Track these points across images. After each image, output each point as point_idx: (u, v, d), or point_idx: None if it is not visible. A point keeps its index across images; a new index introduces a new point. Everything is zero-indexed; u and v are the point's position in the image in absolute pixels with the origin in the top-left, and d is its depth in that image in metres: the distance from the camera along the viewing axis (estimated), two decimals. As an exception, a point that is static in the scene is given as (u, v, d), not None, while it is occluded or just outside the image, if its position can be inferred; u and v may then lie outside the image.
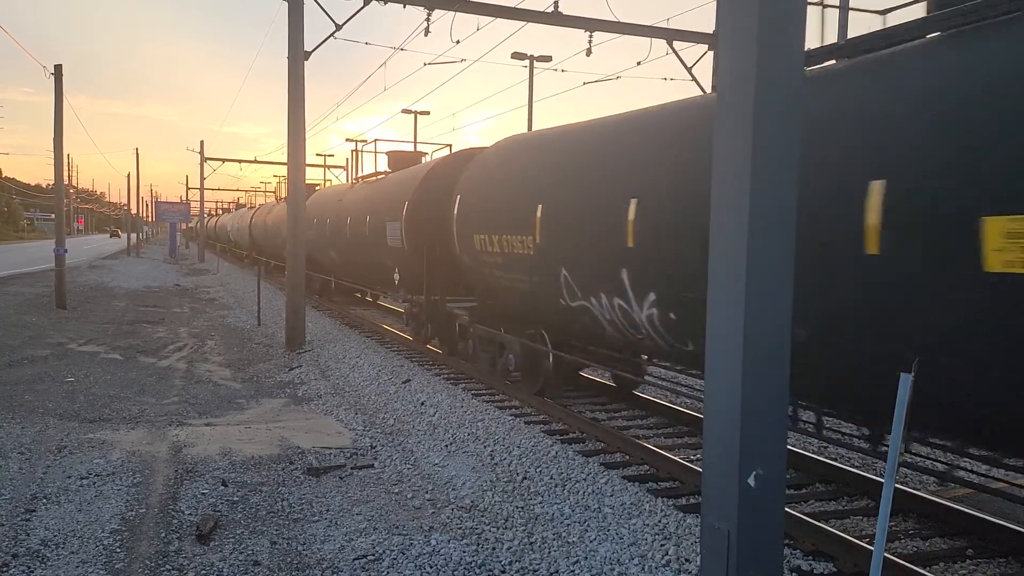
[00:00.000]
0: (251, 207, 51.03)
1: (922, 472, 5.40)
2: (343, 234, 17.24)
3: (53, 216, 22.60)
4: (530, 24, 15.42)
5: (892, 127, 4.41)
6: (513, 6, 15.08)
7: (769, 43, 3.14)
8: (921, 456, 7.24)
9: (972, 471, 6.65)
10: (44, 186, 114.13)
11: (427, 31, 14.69)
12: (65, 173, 21.84)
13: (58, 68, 19.92)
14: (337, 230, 17.90)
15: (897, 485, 5.56)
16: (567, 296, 8.05)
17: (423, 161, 15.92)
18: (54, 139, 20.00)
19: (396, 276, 13.88)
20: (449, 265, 11.80)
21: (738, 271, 3.19)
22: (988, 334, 3.92)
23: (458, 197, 10.74)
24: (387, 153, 16.87)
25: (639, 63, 17.12)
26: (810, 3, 3.52)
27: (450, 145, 16.30)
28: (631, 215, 6.75)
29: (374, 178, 17.27)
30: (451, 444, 8.19)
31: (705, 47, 16.80)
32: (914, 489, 6.51)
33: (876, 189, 4.37)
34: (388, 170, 16.35)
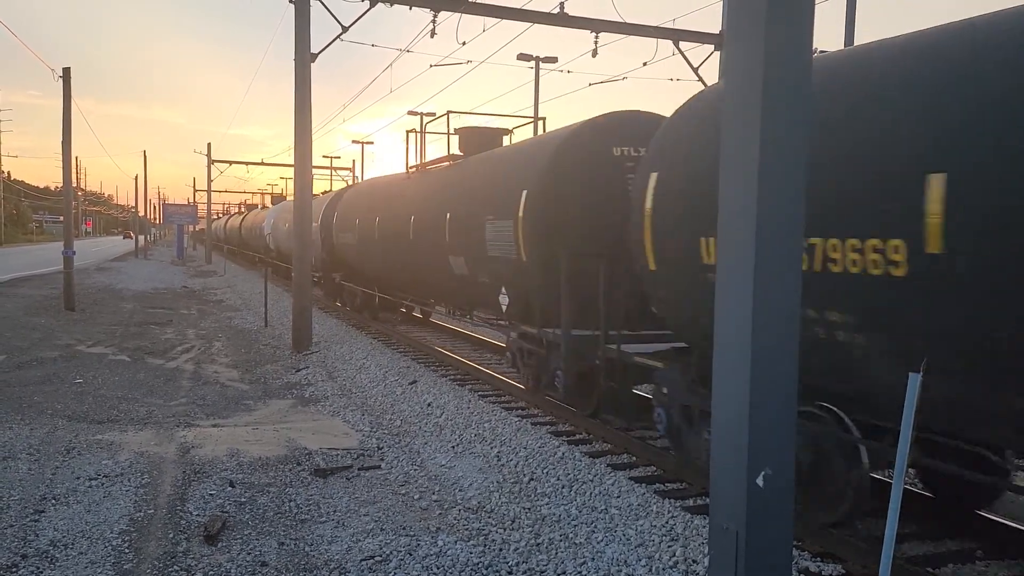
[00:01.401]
0: (324, 193, 26.19)
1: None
2: (402, 238, 13.62)
3: (61, 218, 22.70)
4: (536, 25, 15.43)
5: None
6: (519, 7, 15.10)
7: (777, 42, 3.13)
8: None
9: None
10: (52, 188, 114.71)
11: (433, 33, 14.71)
12: (73, 175, 21.94)
13: (66, 71, 20.02)
14: (392, 233, 14.20)
15: (906, 487, 5.52)
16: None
17: (505, 142, 12.43)
18: (62, 142, 20.11)
19: (504, 299, 9.79)
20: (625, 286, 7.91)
21: (746, 270, 3.18)
22: None
23: (654, 175, 6.66)
24: (459, 130, 12.73)
25: (645, 64, 17.11)
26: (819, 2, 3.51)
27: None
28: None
29: (447, 164, 13.03)
30: (458, 445, 8.19)
31: (711, 47, 16.79)
32: (923, 491, 6.48)
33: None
34: (460, 153, 12.59)
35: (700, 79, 17.07)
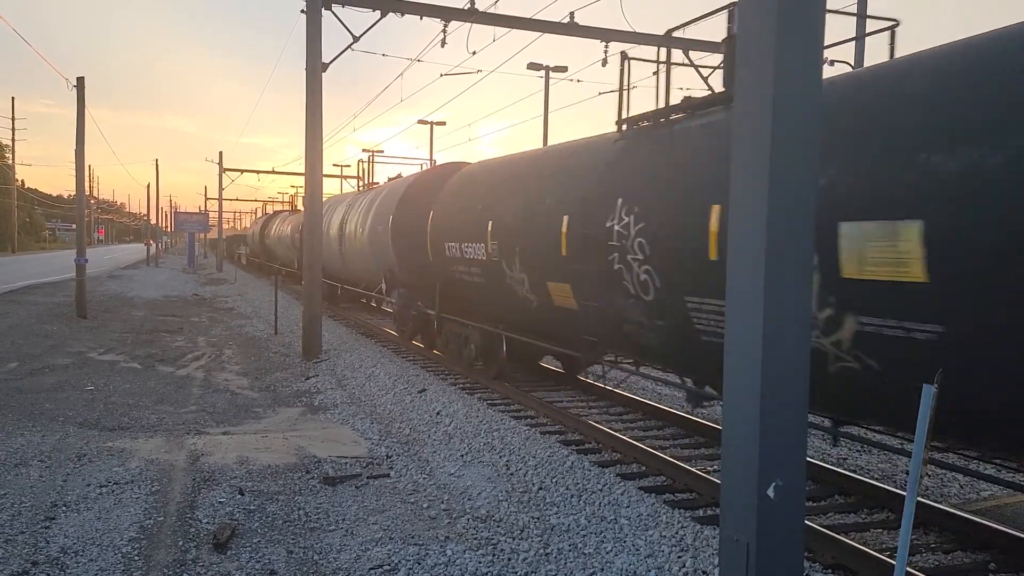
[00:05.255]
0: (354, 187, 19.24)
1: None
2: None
3: (74, 226, 22.86)
4: (546, 35, 15.48)
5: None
6: (529, 17, 15.16)
7: (787, 52, 3.13)
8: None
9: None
10: (66, 196, 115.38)
11: (444, 42, 14.79)
12: (86, 183, 22.11)
13: (80, 80, 20.20)
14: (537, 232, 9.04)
15: (919, 498, 5.48)
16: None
17: None
18: (76, 150, 20.27)
19: None
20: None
21: (757, 280, 3.18)
22: None
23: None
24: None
25: (655, 73, 17.11)
26: (828, 12, 3.51)
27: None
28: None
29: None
30: (467, 454, 8.18)
31: (721, 57, 16.78)
32: (935, 502, 6.43)
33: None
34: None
35: (710, 88, 17.04)
